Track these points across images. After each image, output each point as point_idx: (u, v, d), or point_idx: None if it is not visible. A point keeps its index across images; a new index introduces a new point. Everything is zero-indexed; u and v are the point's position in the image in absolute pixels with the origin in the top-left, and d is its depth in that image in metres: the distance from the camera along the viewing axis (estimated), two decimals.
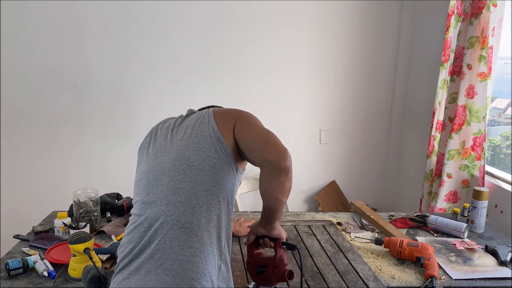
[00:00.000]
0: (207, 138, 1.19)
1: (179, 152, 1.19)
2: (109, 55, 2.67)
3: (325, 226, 1.85)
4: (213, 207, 1.12)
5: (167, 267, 1.03)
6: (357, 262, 1.53)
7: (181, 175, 1.14)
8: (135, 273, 1.06)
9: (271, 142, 1.13)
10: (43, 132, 2.67)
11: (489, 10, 2.09)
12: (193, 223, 1.08)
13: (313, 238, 1.72)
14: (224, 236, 1.14)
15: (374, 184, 3.24)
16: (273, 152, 1.10)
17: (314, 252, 1.60)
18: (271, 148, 1.11)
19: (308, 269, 1.46)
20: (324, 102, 3.04)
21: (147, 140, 1.33)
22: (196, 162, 1.15)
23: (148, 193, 1.17)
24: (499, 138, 2.58)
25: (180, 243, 1.06)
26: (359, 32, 2.97)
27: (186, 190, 1.12)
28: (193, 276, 1.03)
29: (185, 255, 1.05)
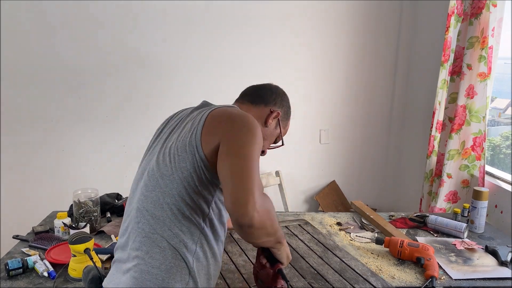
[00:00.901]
0: (187, 145, 1.07)
1: (161, 156, 1.12)
2: (109, 55, 2.67)
3: (302, 225, 1.85)
4: (179, 222, 1.04)
5: (132, 274, 1.04)
6: (348, 259, 1.54)
7: (153, 183, 1.08)
8: (116, 271, 1.11)
9: (235, 188, 0.97)
10: (43, 132, 2.67)
11: (489, 10, 2.09)
12: (157, 233, 1.04)
13: (296, 238, 1.71)
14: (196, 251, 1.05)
15: (374, 184, 3.25)
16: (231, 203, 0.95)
17: (304, 253, 1.59)
18: (231, 196, 0.96)
19: (306, 271, 1.45)
20: (324, 102, 3.04)
21: (158, 131, 1.26)
22: (169, 171, 1.07)
23: (132, 192, 1.18)
24: (499, 138, 2.58)
25: (143, 252, 1.05)
26: (359, 32, 2.97)
27: (154, 200, 1.07)
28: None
29: (146, 265, 1.03)
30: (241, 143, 1.04)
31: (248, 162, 1.01)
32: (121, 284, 1.06)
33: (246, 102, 1.31)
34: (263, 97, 1.31)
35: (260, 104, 1.30)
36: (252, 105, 1.30)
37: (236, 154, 1.02)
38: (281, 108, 1.33)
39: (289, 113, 1.38)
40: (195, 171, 1.04)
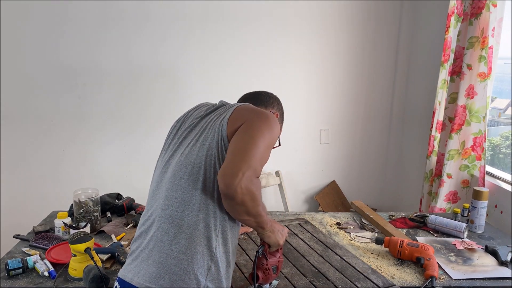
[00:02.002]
0: (215, 135, 1.16)
1: (189, 147, 1.18)
2: (109, 55, 2.67)
3: (302, 224, 1.86)
4: (206, 207, 1.11)
5: (156, 259, 1.09)
6: (348, 257, 1.55)
7: (182, 171, 1.14)
8: (135, 259, 1.13)
9: (232, 160, 1.07)
10: (43, 132, 2.67)
11: (489, 10, 2.09)
12: (184, 220, 1.10)
13: (297, 238, 1.72)
14: (218, 238, 1.11)
15: (374, 184, 3.25)
16: (223, 171, 1.05)
17: (304, 251, 1.60)
18: (225, 165, 1.06)
19: (307, 270, 1.46)
20: (324, 102, 3.04)
21: (177, 125, 1.32)
22: (198, 160, 1.14)
23: (157, 183, 1.22)
24: (499, 138, 2.59)
25: (169, 237, 1.09)
26: (359, 32, 2.97)
27: (183, 187, 1.12)
28: (176, 272, 1.06)
29: (171, 250, 1.08)
30: (256, 126, 1.14)
31: (253, 144, 1.09)
32: (142, 271, 1.09)
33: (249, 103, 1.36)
34: (263, 100, 1.41)
35: (261, 107, 1.39)
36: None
37: (247, 133, 1.13)
38: (278, 110, 1.45)
39: (283, 116, 1.49)
40: (217, 149, 1.13)
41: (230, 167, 1.04)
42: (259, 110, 1.22)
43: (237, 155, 1.07)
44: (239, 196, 1.02)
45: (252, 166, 1.05)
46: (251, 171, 1.05)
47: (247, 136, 1.11)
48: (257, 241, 1.68)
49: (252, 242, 1.67)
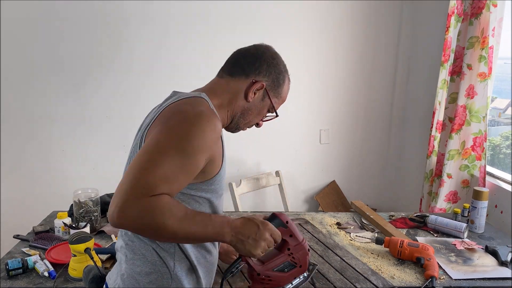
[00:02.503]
0: (137, 151, 1.06)
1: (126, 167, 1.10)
2: (109, 55, 2.67)
3: (302, 224, 1.85)
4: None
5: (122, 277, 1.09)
6: (349, 257, 1.55)
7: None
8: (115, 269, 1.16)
9: (120, 185, 0.93)
10: (43, 132, 2.67)
11: (489, 10, 2.09)
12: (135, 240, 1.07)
13: None
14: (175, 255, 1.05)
15: (374, 184, 3.24)
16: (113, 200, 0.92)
17: None
18: (116, 193, 0.92)
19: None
20: (324, 102, 3.04)
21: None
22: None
23: None
24: (499, 138, 2.59)
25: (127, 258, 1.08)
26: (359, 32, 2.97)
27: None
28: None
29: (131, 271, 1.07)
30: (160, 135, 0.97)
31: (148, 159, 0.92)
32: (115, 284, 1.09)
33: (226, 75, 1.17)
34: (243, 67, 1.15)
35: (240, 76, 1.15)
36: (230, 78, 1.16)
37: (145, 147, 0.97)
38: (267, 76, 1.16)
39: (281, 78, 1.19)
40: None
41: (114, 195, 0.92)
42: (180, 110, 1.01)
43: (124, 178, 0.93)
44: (123, 224, 0.91)
45: (140, 185, 0.89)
46: (137, 191, 0.89)
47: (143, 151, 0.95)
48: None
49: None
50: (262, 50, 1.18)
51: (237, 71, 1.15)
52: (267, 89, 1.16)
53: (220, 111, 1.12)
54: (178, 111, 1.02)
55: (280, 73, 1.18)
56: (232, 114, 1.17)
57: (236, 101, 1.15)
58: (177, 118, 1.00)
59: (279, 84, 1.19)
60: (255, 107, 1.18)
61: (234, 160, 2.94)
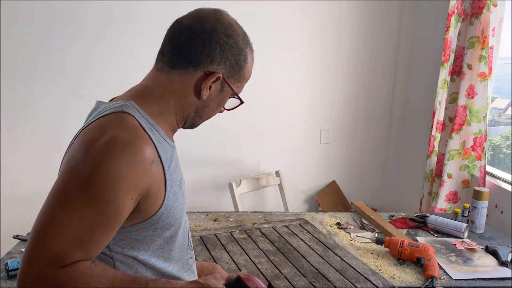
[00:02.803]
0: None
1: None
2: (109, 55, 2.67)
3: (302, 224, 1.85)
4: None
5: None
6: (349, 258, 1.54)
7: None
8: None
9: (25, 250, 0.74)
10: (43, 132, 2.67)
11: (489, 10, 2.09)
12: None
13: (297, 238, 1.72)
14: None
15: (374, 184, 3.24)
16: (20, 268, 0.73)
17: (304, 252, 1.59)
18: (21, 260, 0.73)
19: (307, 270, 1.46)
20: (324, 102, 3.04)
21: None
22: None
23: None
24: (499, 138, 2.58)
25: None
26: (359, 32, 2.96)
27: None
28: None
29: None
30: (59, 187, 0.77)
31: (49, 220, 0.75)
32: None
33: (166, 67, 0.89)
34: (189, 54, 0.86)
35: (186, 69, 0.87)
36: (174, 73, 0.88)
37: (48, 199, 0.79)
38: (223, 63, 0.88)
39: (241, 59, 0.91)
40: None
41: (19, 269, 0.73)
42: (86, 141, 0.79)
43: (26, 248, 0.74)
44: None
45: (43, 257, 0.71)
46: (41, 264, 0.71)
47: (44, 205, 0.78)
48: (258, 240, 1.68)
49: (252, 242, 1.67)
50: (211, 27, 0.88)
51: (181, 61, 0.87)
52: (224, 77, 0.89)
53: (162, 119, 0.88)
54: (84, 141, 0.79)
55: (240, 53, 0.91)
56: (182, 116, 0.92)
57: (185, 101, 0.89)
58: (81, 153, 0.77)
59: (240, 67, 0.92)
60: (212, 101, 0.92)
61: (234, 160, 2.94)
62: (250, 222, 1.90)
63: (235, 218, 1.94)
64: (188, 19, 0.91)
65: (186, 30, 0.88)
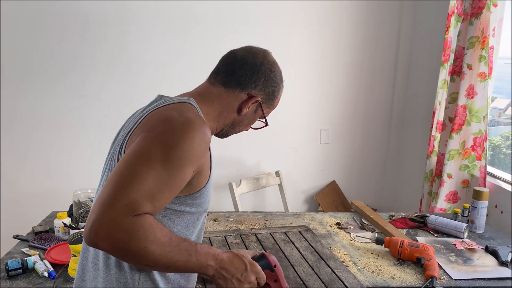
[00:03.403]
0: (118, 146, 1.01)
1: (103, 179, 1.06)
2: (109, 55, 2.67)
3: (302, 232, 1.77)
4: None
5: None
6: (340, 270, 1.46)
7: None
8: None
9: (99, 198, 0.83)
10: (43, 132, 2.67)
11: (489, 10, 2.09)
12: None
13: (292, 246, 1.64)
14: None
15: (374, 184, 3.24)
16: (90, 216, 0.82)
17: (295, 261, 1.52)
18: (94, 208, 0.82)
19: (291, 281, 1.39)
20: (324, 102, 3.04)
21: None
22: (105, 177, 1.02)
23: None
24: (499, 138, 2.58)
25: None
26: (359, 32, 2.96)
27: None
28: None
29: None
30: (144, 145, 0.89)
31: (130, 173, 0.84)
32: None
33: (218, 84, 1.10)
34: (239, 79, 1.08)
35: (234, 89, 1.09)
36: (224, 90, 1.09)
37: (127, 156, 0.88)
38: (263, 90, 1.11)
39: (276, 91, 1.15)
40: None
41: (92, 211, 0.82)
42: (166, 117, 0.94)
43: (103, 194, 0.83)
44: (99, 244, 0.81)
45: (121, 204, 0.81)
46: (118, 210, 0.80)
47: (123, 164, 0.86)
48: (251, 246, 1.67)
49: (243, 247, 1.62)
50: (260, 61, 1.11)
51: (232, 82, 1.08)
52: (261, 102, 1.12)
53: (208, 120, 1.06)
54: (164, 118, 0.94)
55: (276, 86, 1.14)
56: (222, 125, 1.12)
57: (227, 114, 1.10)
58: (162, 126, 0.91)
59: (274, 96, 1.15)
60: (247, 119, 1.15)
61: (234, 160, 2.94)
62: (250, 222, 1.90)
63: (235, 218, 1.94)
64: (242, 52, 1.12)
65: (241, 59, 1.10)
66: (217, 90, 1.09)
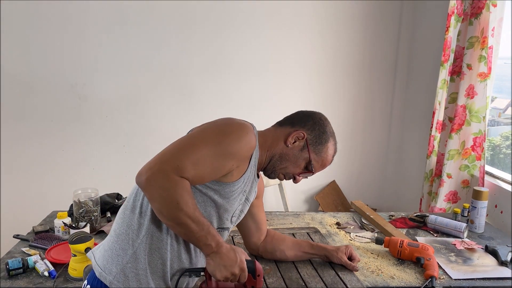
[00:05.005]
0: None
1: None
2: (109, 55, 2.67)
3: (310, 233, 1.76)
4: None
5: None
6: (344, 273, 1.46)
7: None
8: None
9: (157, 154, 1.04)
10: (43, 132, 2.67)
11: (489, 10, 2.09)
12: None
13: None
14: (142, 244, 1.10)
15: (374, 184, 3.24)
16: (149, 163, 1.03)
17: (299, 263, 1.51)
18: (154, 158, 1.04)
19: (294, 282, 1.39)
20: (324, 102, 3.04)
21: None
22: None
23: None
24: (499, 138, 2.58)
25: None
26: (359, 32, 2.97)
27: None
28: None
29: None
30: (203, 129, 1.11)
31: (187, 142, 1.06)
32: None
33: (277, 125, 1.30)
34: (293, 119, 1.28)
35: (286, 126, 1.27)
36: (279, 127, 1.28)
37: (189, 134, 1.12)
38: (310, 130, 1.25)
39: (324, 138, 1.25)
40: None
41: (151, 160, 1.02)
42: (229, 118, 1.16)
43: (163, 150, 1.05)
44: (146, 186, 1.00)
45: (174, 162, 1.00)
46: (170, 166, 1.00)
47: (187, 136, 1.10)
48: None
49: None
50: (314, 112, 1.31)
51: (287, 122, 1.28)
52: (307, 141, 1.23)
53: (260, 149, 1.20)
54: (227, 118, 1.15)
55: (324, 133, 1.26)
56: (270, 155, 1.23)
57: (276, 144, 1.23)
58: (225, 121, 1.13)
59: (321, 142, 1.25)
60: (293, 154, 1.24)
61: None
62: None
63: None
64: (307, 111, 1.34)
65: (302, 112, 1.32)
66: (274, 128, 1.28)
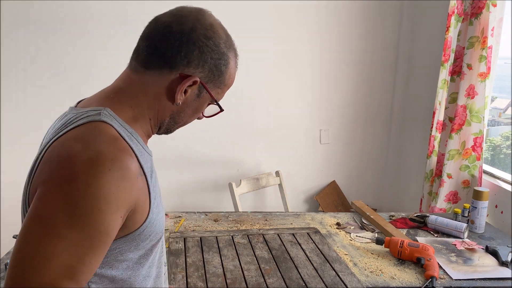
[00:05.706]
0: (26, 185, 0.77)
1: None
2: (109, 55, 2.67)
3: (310, 234, 1.77)
4: None
5: None
6: (344, 273, 1.46)
7: None
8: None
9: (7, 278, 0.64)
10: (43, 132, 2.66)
11: (489, 10, 2.09)
12: None
13: (298, 247, 1.65)
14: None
15: (374, 184, 3.24)
16: None
17: (300, 263, 1.52)
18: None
19: (294, 282, 1.39)
20: (324, 102, 3.04)
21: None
22: None
23: None
24: (499, 138, 2.58)
25: None
26: (359, 32, 2.96)
27: None
28: None
29: None
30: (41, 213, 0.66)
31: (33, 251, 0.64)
32: None
33: (140, 67, 0.83)
34: (164, 55, 0.79)
35: (160, 69, 0.80)
36: (147, 73, 0.81)
37: (28, 224, 0.66)
38: (201, 66, 0.81)
39: (222, 64, 0.84)
40: None
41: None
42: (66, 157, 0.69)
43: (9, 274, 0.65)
44: None
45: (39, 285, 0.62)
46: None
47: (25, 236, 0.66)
48: (257, 246, 1.67)
49: (249, 248, 1.62)
50: (190, 26, 0.80)
51: (156, 61, 0.80)
52: (202, 83, 0.83)
53: (138, 125, 0.82)
54: (64, 156, 0.69)
55: (220, 57, 0.83)
56: (157, 122, 0.86)
57: (159, 105, 0.82)
58: (62, 171, 0.67)
59: (221, 72, 0.85)
60: (189, 107, 0.86)
61: (234, 160, 2.94)
62: (250, 222, 1.90)
63: (234, 218, 1.94)
64: (167, 17, 0.84)
65: (163, 28, 0.82)
66: (139, 77, 0.82)
